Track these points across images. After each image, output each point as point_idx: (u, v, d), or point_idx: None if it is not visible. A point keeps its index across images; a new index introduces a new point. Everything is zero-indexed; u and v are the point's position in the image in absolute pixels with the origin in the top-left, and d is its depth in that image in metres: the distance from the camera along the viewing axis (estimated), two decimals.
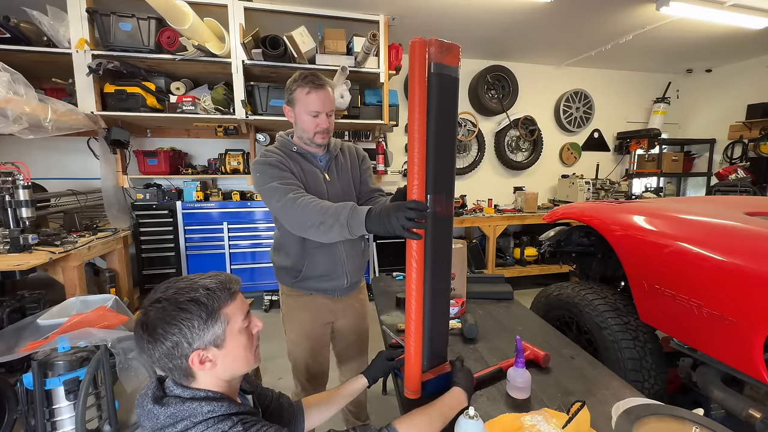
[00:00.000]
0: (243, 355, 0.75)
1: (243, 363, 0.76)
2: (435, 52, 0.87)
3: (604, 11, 3.10)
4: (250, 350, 0.77)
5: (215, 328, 0.70)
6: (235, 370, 0.75)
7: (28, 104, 2.10)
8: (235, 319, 0.73)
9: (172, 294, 0.69)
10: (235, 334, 0.73)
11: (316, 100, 1.21)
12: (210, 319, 0.69)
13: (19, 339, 1.56)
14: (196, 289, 0.70)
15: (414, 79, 0.87)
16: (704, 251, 1.24)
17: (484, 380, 1.05)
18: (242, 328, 0.75)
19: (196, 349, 0.68)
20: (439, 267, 0.97)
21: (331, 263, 1.34)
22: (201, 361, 0.69)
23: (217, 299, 0.71)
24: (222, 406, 0.69)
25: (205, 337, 0.69)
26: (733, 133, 4.36)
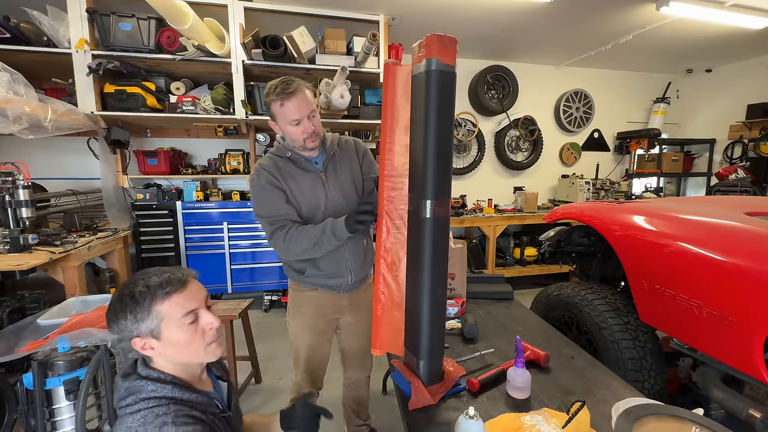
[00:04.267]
0: (185, 348, 0.81)
1: (187, 355, 0.82)
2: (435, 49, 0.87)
3: (604, 11, 3.10)
4: (197, 344, 0.82)
5: (148, 322, 0.77)
6: (181, 359, 0.82)
7: (28, 104, 2.10)
8: (171, 316, 0.78)
9: (122, 288, 0.79)
10: (173, 328, 0.79)
11: (292, 109, 1.20)
12: (140, 313, 0.76)
13: (19, 339, 1.55)
14: (136, 284, 0.78)
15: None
16: (704, 251, 1.24)
17: (487, 383, 1.05)
18: (182, 323, 0.79)
19: (136, 336, 0.78)
20: (438, 267, 0.97)
21: (334, 262, 1.35)
22: (142, 348, 0.78)
23: (150, 297, 0.77)
24: (165, 388, 0.77)
25: (140, 327, 0.77)
26: (733, 133, 4.36)
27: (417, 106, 0.94)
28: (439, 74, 0.89)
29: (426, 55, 0.88)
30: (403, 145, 1.00)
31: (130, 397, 0.76)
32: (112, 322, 0.78)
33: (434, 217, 0.93)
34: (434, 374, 1.01)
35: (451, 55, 0.89)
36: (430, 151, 0.91)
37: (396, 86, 0.98)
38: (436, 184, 0.92)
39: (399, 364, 1.10)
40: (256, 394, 2.26)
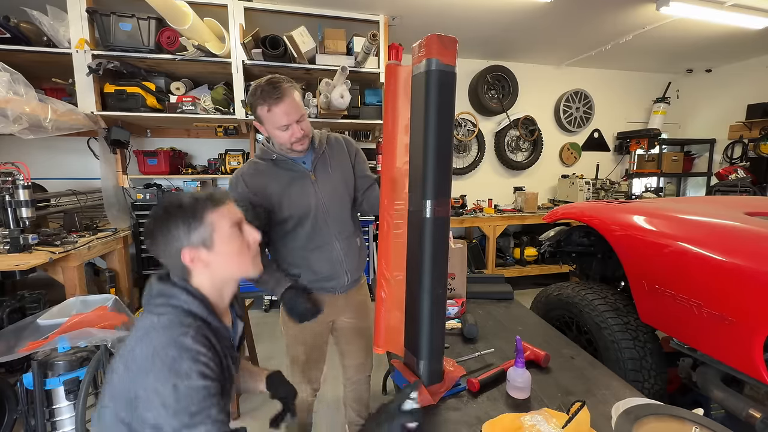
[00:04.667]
0: (235, 260, 0.82)
1: (236, 266, 0.83)
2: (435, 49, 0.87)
3: (604, 11, 3.10)
4: (245, 256, 0.84)
5: (201, 231, 0.78)
6: (228, 273, 0.83)
7: (28, 104, 2.10)
8: (221, 226, 0.80)
9: (165, 203, 0.79)
10: (225, 238, 0.80)
11: (281, 115, 1.14)
12: (194, 221, 0.77)
13: (19, 339, 1.55)
14: (182, 197, 0.79)
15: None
16: (704, 251, 1.24)
17: (487, 383, 1.05)
18: (231, 234, 0.81)
19: (186, 246, 0.77)
20: (438, 269, 0.97)
21: (329, 265, 1.33)
22: (191, 259, 0.78)
23: (201, 206, 0.78)
24: (195, 304, 0.77)
25: (192, 237, 0.77)
26: (733, 133, 4.36)
27: (417, 106, 0.94)
28: (439, 74, 0.89)
29: (426, 55, 0.89)
30: (403, 145, 1.00)
31: (161, 299, 0.77)
32: (158, 234, 0.77)
33: (434, 217, 0.93)
34: (434, 374, 1.02)
35: (451, 55, 0.89)
36: (430, 151, 0.91)
37: (398, 87, 0.98)
38: (436, 184, 0.92)
39: (399, 364, 1.10)
40: (256, 393, 2.26)
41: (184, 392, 0.69)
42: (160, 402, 0.68)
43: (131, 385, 0.70)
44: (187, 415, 0.69)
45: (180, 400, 0.69)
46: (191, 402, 0.70)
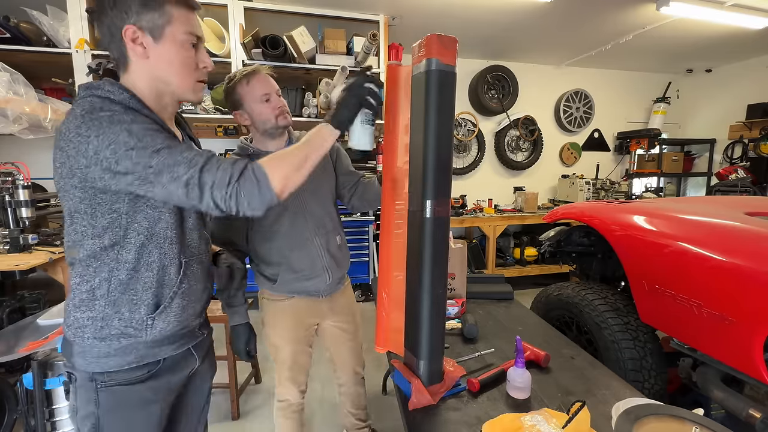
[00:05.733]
0: (178, 68, 0.78)
1: (177, 75, 0.78)
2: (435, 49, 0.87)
3: (604, 11, 3.10)
4: (188, 71, 0.79)
5: (153, 15, 0.73)
6: (167, 77, 0.78)
7: (28, 104, 2.10)
8: (179, 25, 0.75)
9: None
10: (176, 39, 0.76)
11: (259, 84, 1.20)
12: (150, 2, 0.72)
13: (19, 339, 1.55)
14: None
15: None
16: (704, 251, 1.24)
17: (487, 383, 1.05)
18: (186, 41, 0.77)
19: (130, 23, 0.72)
20: (438, 268, 0.97)
21: (309, 262, 1.31)
22: (133, 40, 0.73)
23: None
24: (123, 94, 0.73)
25: (141, 16, 0.72)
26: (733, 133, 4.36)
27: (417, 106, 0.94)
28: (439, 74, 0.89)
29: (426, 55, 0.88)
30: (403, 145, 1.00)
31: (86, 91, 0.73)
32: (107, 4, 0.72)
33: (434, 217, 0.93)
34: (434, 374, 1.02)
35: (451, 55, 0.89)
36: (430, 151, 0.91)
37: (399, 87, 0.98)
38: (436, 184, 0.92)
39: (399, 364, 1.10)
40: (256, 394, 2.26)
41: (141, 132, 0.68)
42: (124, 149, 0.67)
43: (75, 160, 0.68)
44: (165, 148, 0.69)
45: (142, 138, 0.68)
46: (155, 138, 0.69)
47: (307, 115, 3.03)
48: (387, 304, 1.04)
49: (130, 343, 0.79)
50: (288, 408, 1.45)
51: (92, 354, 0.77)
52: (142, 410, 0.82)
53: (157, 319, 0.81)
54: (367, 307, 3.48)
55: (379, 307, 1.05)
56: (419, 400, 0.96)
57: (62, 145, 0.69)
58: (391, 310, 1.04)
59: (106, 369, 0.78)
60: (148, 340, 0.81)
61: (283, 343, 1.39)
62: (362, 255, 3.52)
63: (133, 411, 0.81)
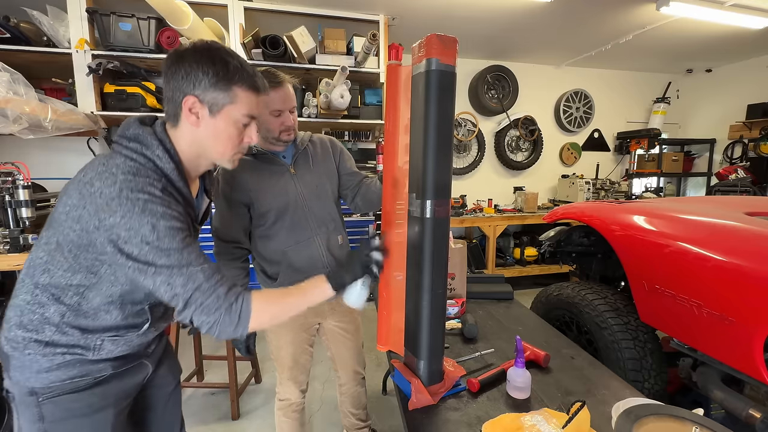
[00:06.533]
0: (223, 142, 0.80)
1: (219, 147, 0.81)
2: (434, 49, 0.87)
3: (604, 11, 3.10)
4: (231, 146, 0.81)
5: (219, 95, 0.75)
6: (208, 146, 0.80)
7: (28, 104, 2.10)
8: (240, 107, 0.78)
9: (217, 46, 0.77)
10: (231, 117, 0.78)
11: (277, 99, 1.18)
12: (222, 83, 0.75)
13: None
14: (235, 57, 0.78)
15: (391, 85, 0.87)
16: (704, 251, 1.24)
17: (487, 383, 1.05)
18: (240, 121, 0.79)
19: (195, 94, 0.75)
20: (438, 268, 0.97)
21: (309, 261, 1.32)
22: (190, 109, 0.76)
23: (239, 76, 0.76)
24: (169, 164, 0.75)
25: (207, 93, 0.75)
26: (733, 133, 4.36)
27: (417, 106, 0.94)
28: (439, 74, 0.89)
29: (426, 55, 0.88)
30: (403, 145, 1.00)
31: (135, 143, 0.74)
32: (186, 63, 0.73)
33: (434, 217, 0.93)
34: (434, 374, 1.01)
35: (451, 54, 0.89)
36: (430, 151, 0.91)
37: (399, 87, 0.98)
38: (436, 184, 0.92)
39: (399, 364, 1.10)
40: (256, 393, 2.26)
41: (163, 231, 0.69)
42: (140, 239, 0.68)
43: (90, 218, 0.68)
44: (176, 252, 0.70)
45: (161, 238, 0.69)
46: (173, 240, 0.70)
47: (307, 115, 3.03)
48: (387, 303, 1.04)
49: (74, 359, 0.77)
50: (289, 407, 1.45)
51: (32, 369, 0.74)
52: (92, 417, 0.79)
53: (107, 342, 0.80)
54: (367, 307, 3.48)
55: (380, 306, 1.06)
56: (419, 400, 0.96)
57: (84, 194, 0.69)
58: (392, 310, 1.04)
59: (46, 384, 0.75)
60: (94, 358, 0.79)
61: (284, 343, 1.39)
62: None
63: (82, 419, 0.78)
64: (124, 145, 0.74)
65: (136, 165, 0.71)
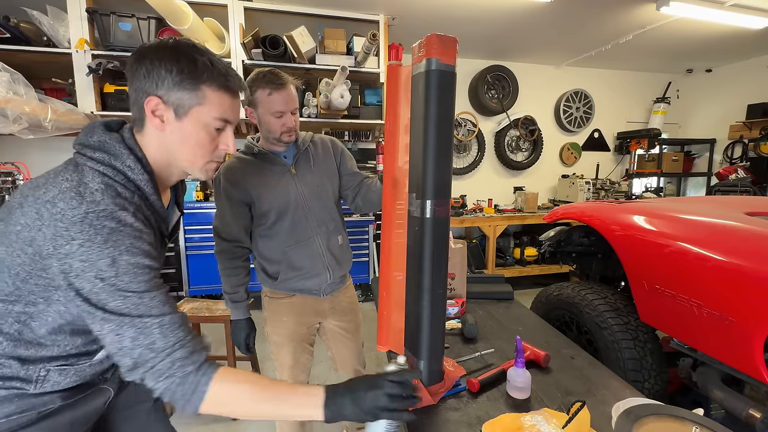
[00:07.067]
0: (191, 148, 0.71)
1: (188, 154, 0.71)
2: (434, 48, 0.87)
3: (604, 11, 3.10)
4: (203, 151, 0.72)
5: (184, 95, 0.67)
6: (176, 152, 0.71)
7: (28, 104, 2.10)
8: (209, 109, 0.69)
9: (183, 42, 0.69)
10: (200, 121, 0.69)
11: (279, 101, 1.18)
12: (187, 81, 0.66)
13: None
14: (204, 53, 0.68)
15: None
16: (704, 251, 1.24)
17: (487, 383, 1.05)
18: (210, 125, 0.70)
19: (157, 95, 0.67)
20: (438, 268, 0.97)
21: (309, 260, 1.32)
22: (153, 111, 0.68)
23: (208, 74, 0.67)
24: (142, 176, 0.67)
25: (171, 93, 0.67)
26: (733, 133, 4.36)
27: (417, 106, 0.94)
28: (439, 74, 0.88)
29: (426, 55, 0.88)
30: (403, 145, 1.00)
31: (101, 154, 0.65)
32: (144, 66, 0.66)
33: (434, 217, 0.93)
34: (434, 374, 1.01)
35: (451, 54, 0.89)
36: (430, 151, 0.91)
37: (399, 87, 0.98)
38: (436, 184, 0.92)
39: None
40: None
41: (125, 267, 0.60)
42: (94, 274, 0.59)
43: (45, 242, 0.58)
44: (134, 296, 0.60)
45: (120, 275, 0.60)
46: (133, 280, 0.61)
47: (307, 115, 3.04)
48: (388, 303, 1.04)
49: (11, 394, 0.64)
50: None
51: None
52: None
53: (53, 372, 0.67)
54: (367, 307, 3.48)
55: (380, 306, 1.06)
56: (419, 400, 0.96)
57: (44, 214, 0.58)
58: (392, 310, 1.04)
59: None
60: (37, 392, 0.66)
61: (285, 342, 1.39)
62: (362, 255, 3.52)
63: None
64: (89, 156, 0.65)
65: (105, 181, 0.62)
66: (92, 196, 0.60)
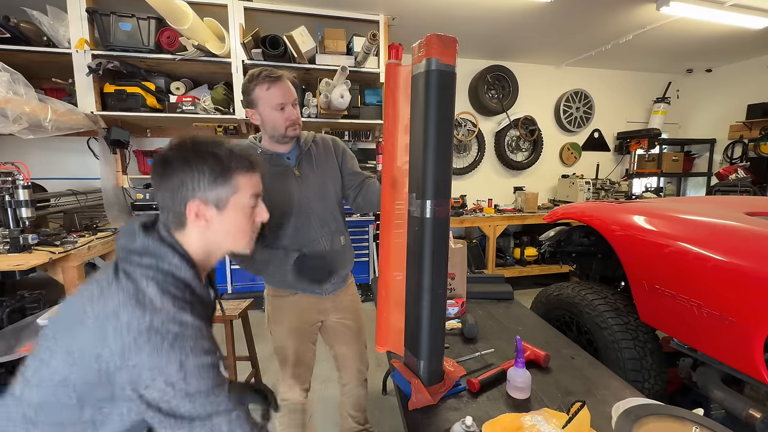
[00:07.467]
0: (236, 232, 0.77)
1: (232, 239, 0.77)
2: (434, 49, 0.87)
3: (604, 11, 3.10)
4: (246, 233, 0.78)
5: (221, 189, 0.72)
6: (222, 242, 0.76)
7: (28, 104, 2.10)
8: (244, 193, 0.75)
9: (201, 141, 0.72)
10: (239, 206, 0.75)
11: (278, 93, 1.20)
12: (221, 177, 0.71)
13: (19, 339, 1.55)
14: (221, 146, 0.72)
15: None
16: (704, 251, 1.24)
17: (487, 383, 1.05)
18: (247, 205, 0.76)
19: (197, 198, 0.70)
20: (438, 268, 0.97)
21: None
22: (197, 214, 0.71)
23: (236, 163, 0.72)
24: (189, 272, 0.70)
25: (209, 192, 0.71)
26: (733, 133, 4.36)
27: (417, 106, 0.94)
28: (439, 74, 0.89)
29: (426, 55, 0.88)
30: (403, 145, 1.00)
31: (148, 258, 0.67)
32: (174, 171, 0.68)
33: (434, 217, 0.93)
34: (434, 374, 1.02)
35: (451, 54, 0.89)
36: (430, 151, 0.91)
37: (398, 87, 0.98)
38: (436, 184, 0.92)
39: (399, 364, 1.10)
40: None
41: (192, 370, 0.62)
42: (164, 380, 0.60)
43: (112, 357, 0.59)
44: (202, 397, 0.62)
45: (188, 378, 0.61)
46: (201, 380, 0.63)
47: (307, 115, 3.04)
48: (387, 304, 1.04)
49: None
50: (290, 408, 1.45)
51: None
52: None
53: None
54: (367, 307, 3.48)
55: (379, 306, 1.06)
56: (419, 400, 0.96)
57: (108, 329, 0.60)
58: (391, 310, 1.04)
59: None
60: None
61: (288, 340, 1.40)
62: (362, 255, 3.52)
63: None
64: (137, 263, 0.67)
65: (160, 285, 0.64)
66: (152, 303, 0.62)
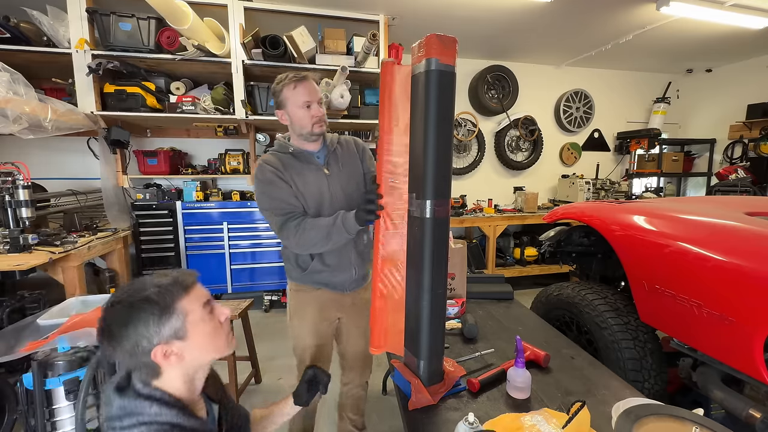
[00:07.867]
0: (210, 343, 0.77)
1: (212, 350, 0.78)
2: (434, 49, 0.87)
3: (604, 11, 3.10)
4: (219, 337, 0.79)
5: (173, 322, 0.71)
6: (203, 358, 0.77)
7: (28, 104, 2.10)
8: (194, 311, 0.74)
9: (126, 296, 0.71)
10: (197, 323, 0.74)
11: (304, 91, 1.26)
12: (164, 314, 0.70)
13: (19, 339, 1.55)
14: (146, 288, 0.72)
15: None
16: (704, 251, 1.24)
17: (487, 383, 1.05)
18: (204, 317, 0.76)
19: (157, 344, 0.70)
20: (438, 268, 0.97)
21: (338, 258, 1.36)
22: (165, 355, 0.71)
23: (169, 294, 0.72)
24: (170, 413, 0.70)
25: (163, 332, 0.70)
26: (733, 133, 4.36)
27: (417, 106, 0.94)
28: (439, 74, 0.89)
29: (426, 55, 0.88)
30: (403, 145, 1.00)
31: (128, 419, 0.68)
32: (121, 334, 0.68)
33: (434, 217, 0.93)
34: (434, 374, 1.02)
35: (450, 54, 0.89)
36: (430, 151, 0.91)
37: (393, 86, 0.98)
38: (436, 184, 0.92)
39: (399, 364, 1.10)
40: (256, 394, 2.26)
41: None
42: None
43: None
44: None
45: None
46: None
47: None
48: (386, 304, 1.04)
49: None
50: None
51: None
52: None
53: None
54: None
55: (373, 309, 1.05)
56: (419, 400, 0.96)
57: None
58: (387, 312, 1.04)
59: None
60: None
61: (308, 334, 1.41)
62: None
63: None
64: (119, 428, 0.68)
65: None
66: None
